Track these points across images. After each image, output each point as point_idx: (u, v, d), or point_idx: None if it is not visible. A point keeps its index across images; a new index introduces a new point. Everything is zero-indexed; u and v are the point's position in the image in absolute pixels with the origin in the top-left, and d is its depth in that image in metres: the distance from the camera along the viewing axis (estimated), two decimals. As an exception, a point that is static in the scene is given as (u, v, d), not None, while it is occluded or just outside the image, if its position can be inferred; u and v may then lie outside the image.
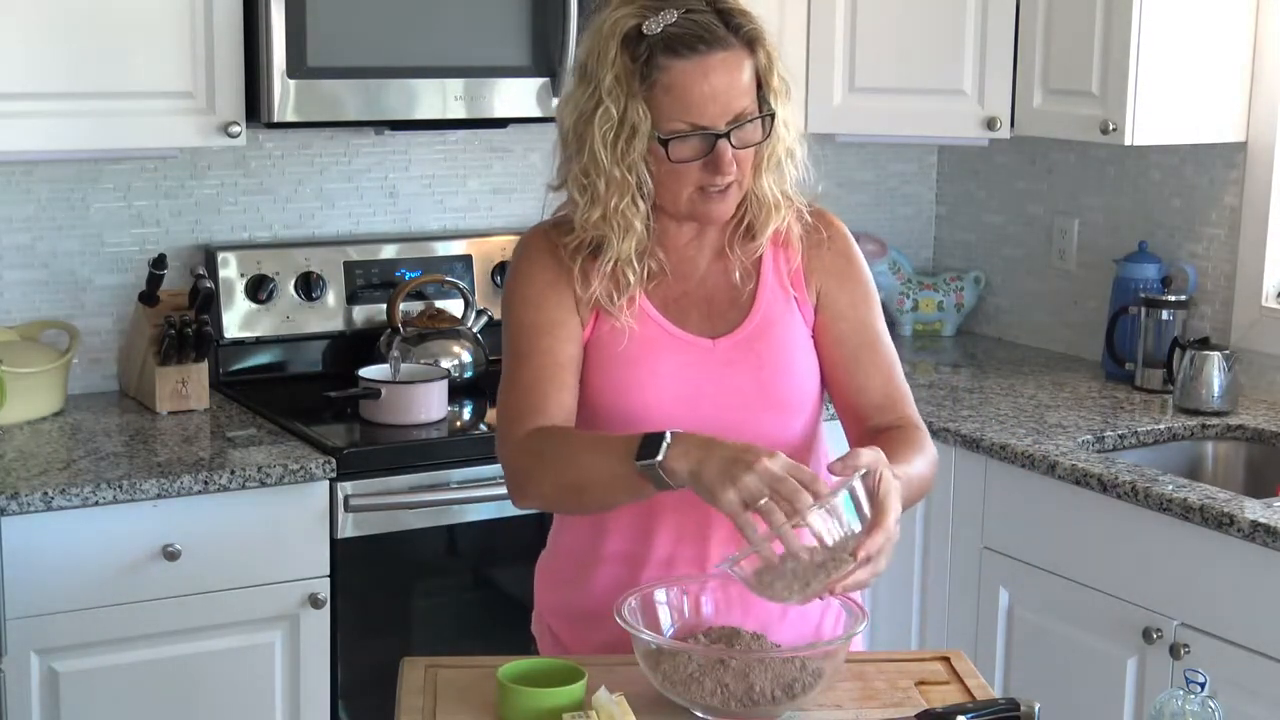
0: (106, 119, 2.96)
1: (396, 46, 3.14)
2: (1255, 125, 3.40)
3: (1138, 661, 2.87)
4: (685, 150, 1.96)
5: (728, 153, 1.95)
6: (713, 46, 1.93)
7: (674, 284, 2.07)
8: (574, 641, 2.13)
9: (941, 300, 4.08)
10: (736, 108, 1.95)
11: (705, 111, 1.94)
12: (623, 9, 1.96)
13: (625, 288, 2.03)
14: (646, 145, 1.96)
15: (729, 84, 1.93)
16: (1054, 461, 2.98)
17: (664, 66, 1.93)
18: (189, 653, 2.85)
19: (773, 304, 2.07)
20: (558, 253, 2.05)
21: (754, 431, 1.98)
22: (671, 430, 1.85)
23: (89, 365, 3.35)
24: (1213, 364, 3.29)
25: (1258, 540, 2.63)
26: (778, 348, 2.06)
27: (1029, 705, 1.80)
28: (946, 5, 3.49)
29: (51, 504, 2.69)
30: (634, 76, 1.94)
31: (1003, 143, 3.73)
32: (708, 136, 1.95)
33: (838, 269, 2.10)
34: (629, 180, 1.98)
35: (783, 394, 2.06)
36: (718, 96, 1.93)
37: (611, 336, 2.04)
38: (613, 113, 1.95)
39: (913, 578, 3.33)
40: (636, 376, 2.03)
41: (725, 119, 1.95)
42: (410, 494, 3.01)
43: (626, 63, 1.94)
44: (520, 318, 2.07)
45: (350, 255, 3.51)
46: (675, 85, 1.93)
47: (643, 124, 1.95)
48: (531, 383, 2.02)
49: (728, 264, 2.07)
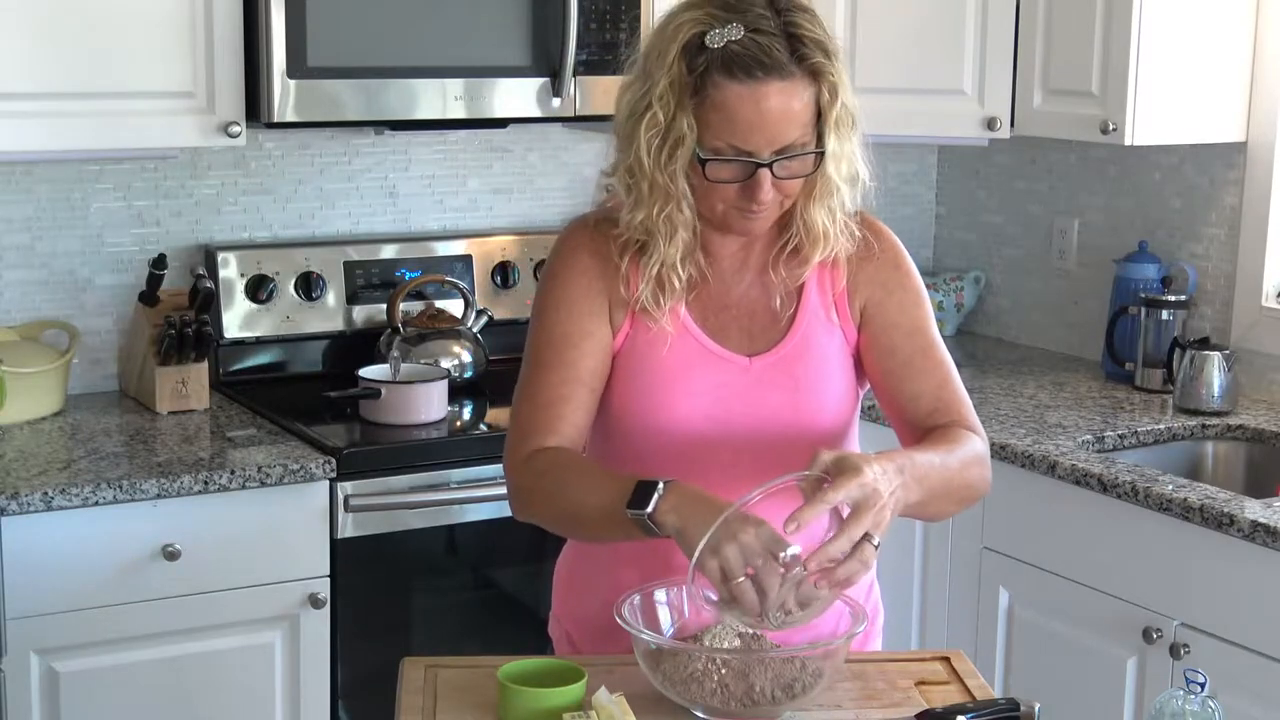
0: (107, 119, 2.96)
1: (396, 46, 3.14)
2: (1255, 125, 3.40)
3: (1138, 661, 2.87)
4: (724, 172, 1.91)
5: (766, 182, 1.90)
6: (770, 74, 1.85)
7: (716, 296, 2.03)
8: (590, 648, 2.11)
9: (941, 300, 4.08)
10: (785, 139, 1.88)
11: (750, 138, 1.88)
12: (691, 12, 1.90)
13: (671, 292, 1.99)
14: (689, 159, 1.90)
15: (781, 115, 1.87)
16: (1054, 461, 2.98)
17: (717, 84, 1.86)
18: (189, 653, 2.86)
19: (813, 325, 2.03)
20: (602, 249, 2.01)
21: (784, 452, 1.97)
22: (665, 480, 1.83)
23: (89, 365, 3.35)
24: (1213, 364, 3.29)
25: (1258, 540, 2.63)
26: (814, 370, 2.02)
27: (1029, 705, 1.80)
28: (946, 5, 3.49)
29: (51, 504, 2.69)
30: (687, 88, 1.88)
31: (1003, 143, 3.73)
32: (749, 164, 1.89)
33: (884, 278, 2.05)
34: (673, 188, 1.93)
35: (816, 417, 2.02)
36: (766, 126, 1.87)
37: (647, 344, 2.01)
38: (660, 120, 1.89)
39: (913, 578, 3.33)
40: (669, 392, 2.00)
41: (771, 148, 1.88)
42: (410, 494, 3.01)
43: (682, 71, 1.88)
44: (549, 323, 2.02)
45: (350, 255, 3.51)
46: (725, 106, 1.87)
47: (688, 137, 1.89)
48: (548, 400, 1.99)
49: (771, 282, 2.03)
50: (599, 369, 2.01)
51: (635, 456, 2.02)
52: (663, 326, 1.99)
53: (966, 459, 1.95)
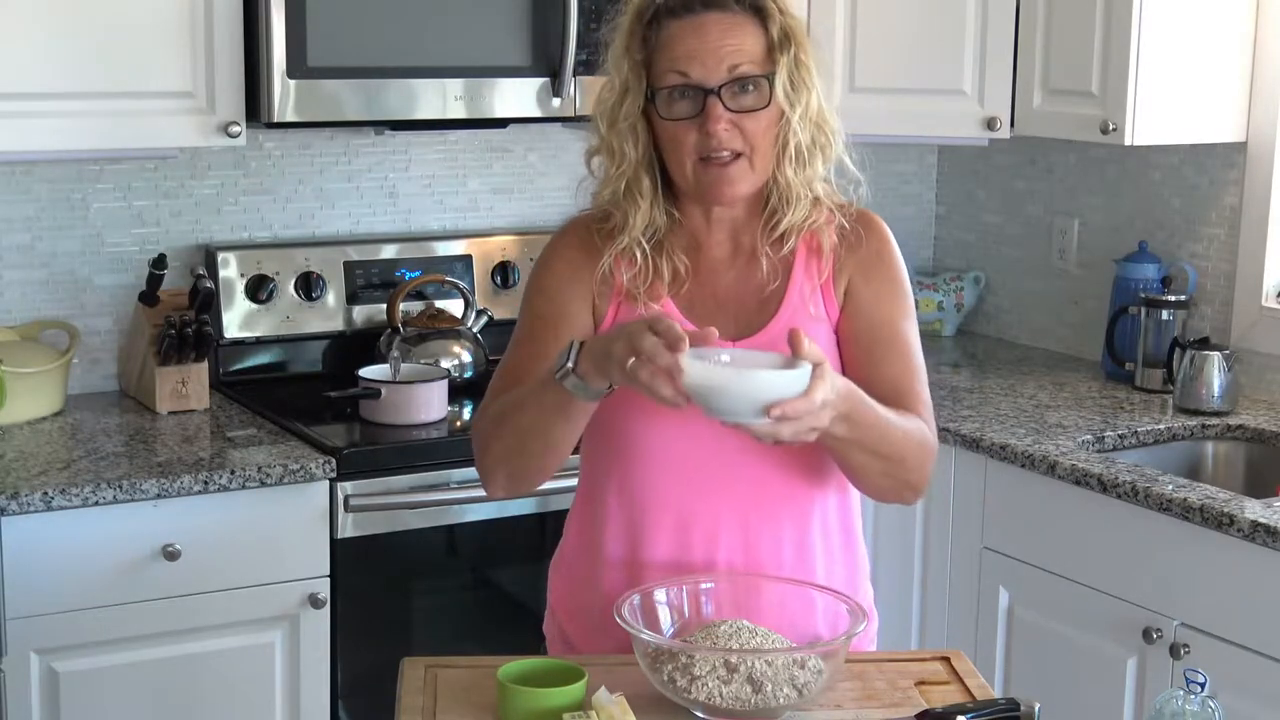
0: (107, 119, 2.96)
1: (396, 46, 3.14)
2: (1255, 125, 3.40)
3: (1138, 661, 2.87)
4: (675, 106, 1.96)
5: (716, 109, 1.93)
6: (709, 7, 1.94)
7: (704, 288, 2.06)
8: (583, 643, 2.13)
9: (941, 300, 4.08)
10: (730, 61, 1.94)
11: (693, 65, 1.94)
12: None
13: (647, 274, 2.02)
14: (640, 105, 1.97)
15: (719, 40, 1.94)
16: (1054, 461, 2.98)
17: (663, 26, 1.96)
18: (189, 653, 2.85)
19: (798, 310, 2.04)
20: (589, 241, 2.05)
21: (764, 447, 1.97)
22: (578, 340, 1.87)
23: (89, 365, 3.35)
24: (1213, 364, 3.29)
25: (1258, 540, 2.63)
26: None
27: (1029, 705, 1.80)
28: (946, 5, 3.49)
29: (51, 504, 2.69)
30: (636, 41, 1.97)
31: (1003, 143, 3.73)
32: (698, 94, 1.94)
33: (867, 265, 2.06)
34: (627, 151, 1.99)
35: None
36: (707, 50, 1.93)
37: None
38: (615, 82, 1.99)
39: (913, 578, 3.33)
40: None
41: (717, 77, 1.94)
42: (410, 494, 3.01)
43: (635, 30, 1.97)
44: (532, 305, 2.09)
45: (350, 255, 3.51)
46: (669, 42, 1.95)
47: (637, 87, 1.97)
48: (518, 368, 2.04)
49: (759, 267, 2.05)
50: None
51: (622, 441, 2.05)
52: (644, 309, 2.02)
53: (909, 431, 1.96)
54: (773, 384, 1.76)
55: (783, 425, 1.75)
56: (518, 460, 2.01)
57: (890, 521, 3.28)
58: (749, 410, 1.76)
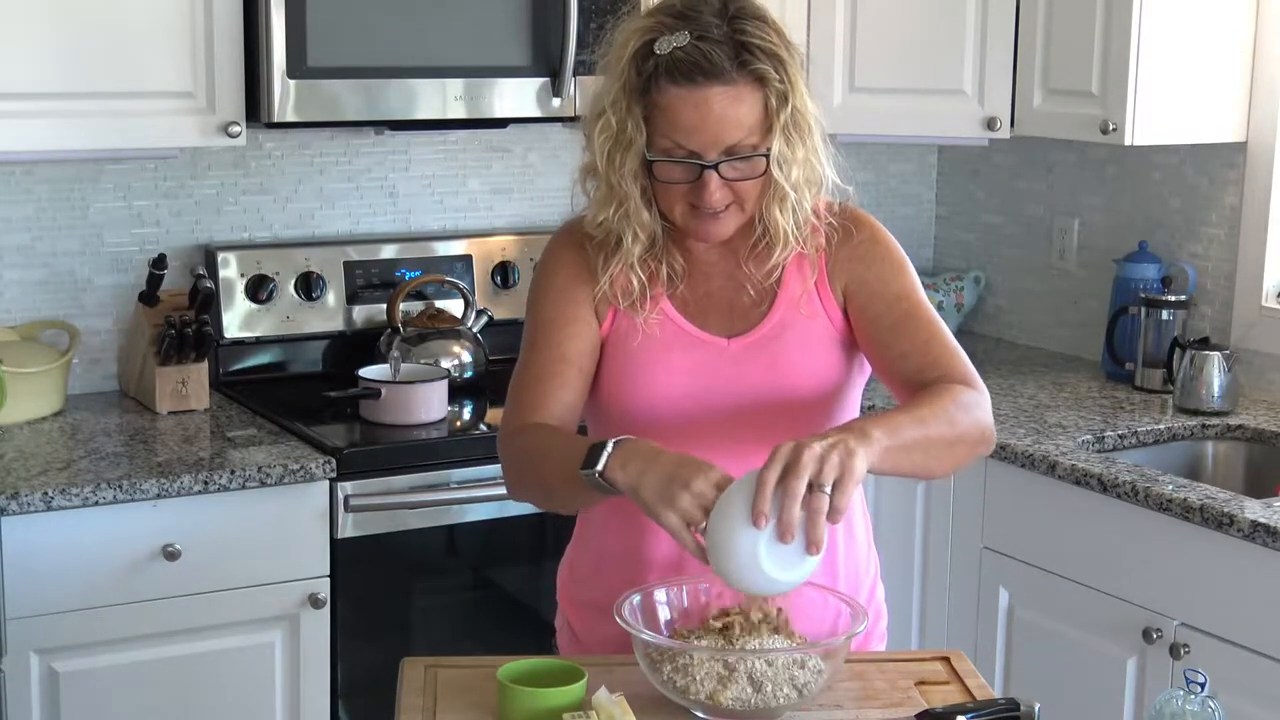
0: (106, 119, 2.96)
1: (396, 46, 3.14)
2: (1255, 125, 3.40)
3: (1138, 661, 2.87)
4: (672, 173, 1.96)
5: (712, 183, 1.94)
6: (711, 79, 1.91)
7: (697, 286, 2.08)
8: (584, 631, 2.14)
9: (941, 300, 4.07)
10: (728, 140, 1.93)
11: (693, 139, 1.93)
12: (644, 20, 1.97)
13: (640, 288, 2.04)
14: (640, 161, 1.97)
15: (721, 117, 1.91)
16: (1054, 461, 2.98)
17: (662, 89, 1.92)
18: (189, 653, 2.85)
19: (792, 310, 2.06)
20: (585, 247, 2.07)
21: (767, 429, 1.99)
22: (615, 439, 1.85)
23: (89, 365, 3.35)
24: (1213, 364, 3.29)
25: (1258, 540, 2.63)
26: (793, 349, 2.05)
27: (1029, 705, 1.80)
28: (946, 5, 3.49)
29: (51, 504, 2.69)
30: (636, 92, 1.94)
31: (1003, 143, 3.73)
32: (694, 165, 1.94)
33: (862, 254, 2.07)
34: (625, 190, 1.99)
35: (797, 393, 2.05)
36: (708, 128, 1.92)
37: (630, 333, 2.06)
38: (612, 124, 1.97)
39: (913, 578, 3.33)
40: (649, 373, 2.05)
41: (716, 150, 1.93)
42: (410, 494, 3.01)
43: (632, 77, 1.94)
44: (538, 311, 2.10)
45: (350, 255, 3.51)
46: (669, 109, 1.93)
47: (638, 140, 1.95)
48: (535, 378, 2.06)
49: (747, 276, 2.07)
50: (587, 350, 2.07)
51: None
52: (639, 318, 2.05)
53: (949, 409, 1.92)
54: (727, 502, 1.74)
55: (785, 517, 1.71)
56: (546, 506, 2.08)
57: (890, 521, 3.28)
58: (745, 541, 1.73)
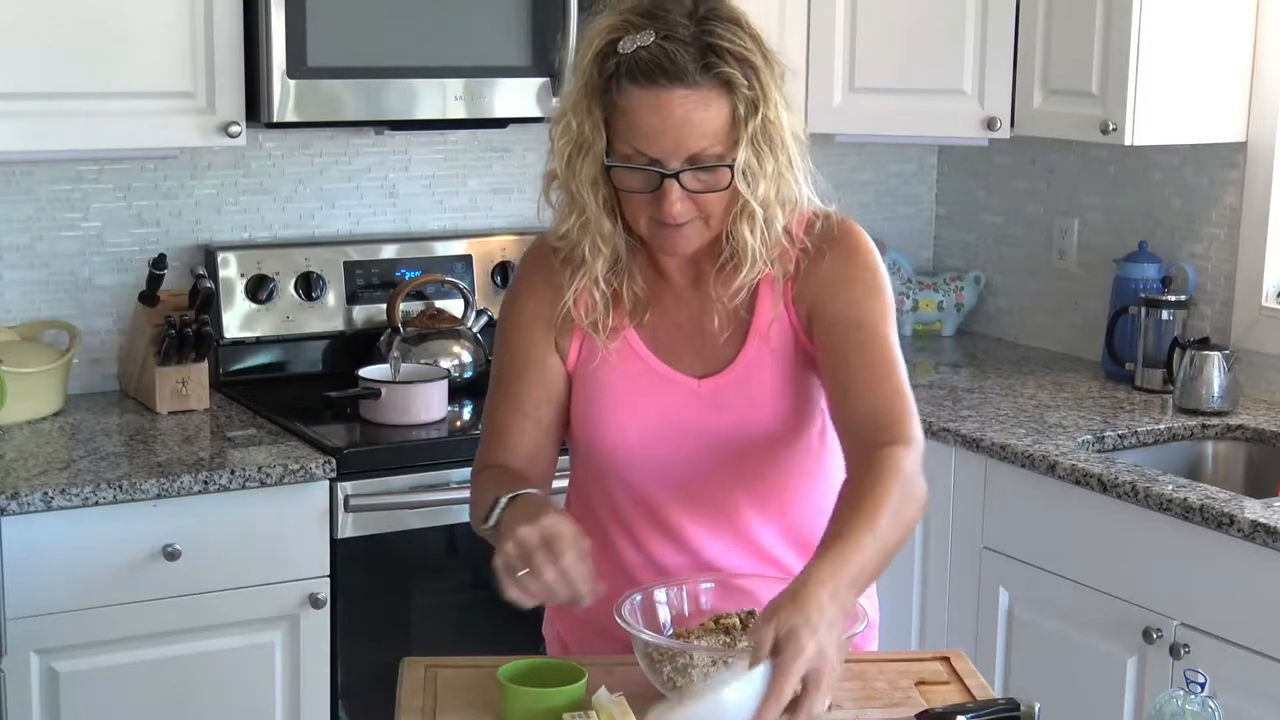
0: (107, 119, 2.96)
1: (396, 46, 3.14)
2: (1255, 125, 3.40)
3: (1138, 661, 2.87)
4: (631, 180, 1.86)
5: (672, 193, 1.84)
6: (674, 81, 1.80)
7: (667, 315, 1.99)
8: (577, 646, 2.13)
9: (941, 300, 4.08)
10: (690, 148, 1.82)
11: (653, 145, 1.82)
12: (610, 18, 1.87)
13: (606, 310, 1.96)
14: (599, 167, 1.87)
15: (683, 121, 1.81)
16: (1054, 461, 2.98)
17: (623, 90, 1.82)
18: (189, 653, 2.85)
19: (763, 342, 1.97)
20: (551, 269, 1.98)
21: (736, 469, 1.97)
22: (511, 495, 1.83)
23: (89, 365, 3.35)
24: (1213, 364, 3.29)
25: (1258, 540, 2.63)
26: (766, 387, 1.97)
27: (1029, 705, 1.80)
28: (946, 5, 3.49)
29: (51, 504, 2.69)
30: (597, 93, 1.84)
31: (1003, 143, 3.73)
32: (655, 173, 1.84)
33: (831, 276, 1.95)
34: (585, 198, 1.89)
35: (768, 432, 1.98)
36: (668, 132, 1.81)
37: (597, 366, 1.98)
38: (572, 126, 1.87)
39: (913, 578, 3.33)
40: (618, 414, 1.98)
41: (677, 157, 1.83)
42: (410, 494, 3.01)
43: (594, 77, 1.85)
44: (502, 347, 2.04)
45: (350, 255, 3.51)
46: (629, 111, 1.83)
47: (597, 144, 1.86)
48: (495, 428, 2.02)
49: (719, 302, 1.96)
50: (548, 396, 2.00)
51: (595, 473, 2.04)
52: (602, 343, 1.96)
53: (894, 510, 1.77)
54: (736, 707, 1.59)
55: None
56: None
57: (890, 521, 3.27)
58: None
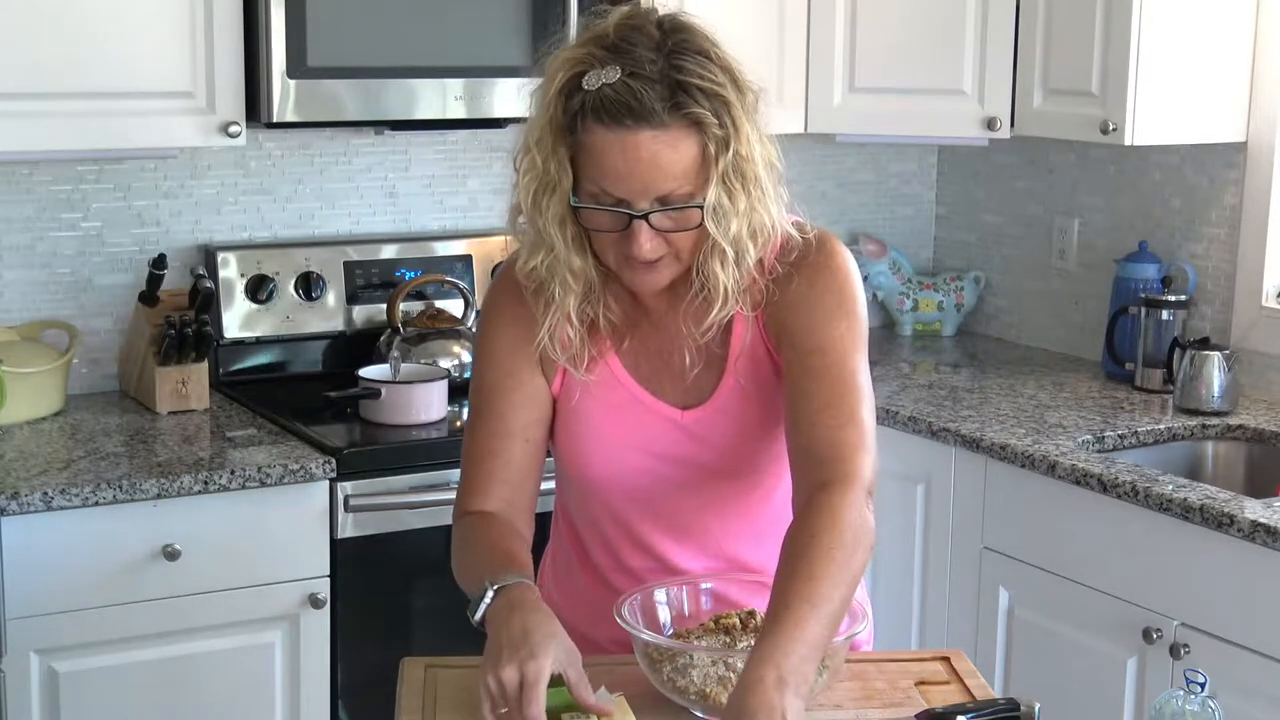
0: (106, 119, 2.96)
1: (396, 46, 3.14)
2: (1255, 125, 3.40)
3: (1138, 661, 2.87)
4: (599, 220, 1.81)
5: (641, 234, 1.78)
6: (640, 121, 1.74)
7: (649, 341, 1.95)
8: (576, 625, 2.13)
9: (941, 300, 4.08)
10: (659, 189, 1.76)
11: (620, 186, 1.77)
12: (574, 49, 1.83)
13: (580, 342, 1.91)
14: (565, 206, 1.81)
15: (651, 163, 1.75)
16: (1054, 461, 2.98)
17: (589, 129, 1.76)
18: (189, 653, 2.85)
19: (744, 370, 1.92)
20: (524, 299, 1.93)
21: (719, 499, 1.97)
22: (498, 586, 1.79)
23: (89, 365, 3.35)
24: (1213, 364, 3.29)
25: (1258, 540, 2.63)
26: (748, 416, 1.93)
27: (1029, 705, 1.80)
28: (946, 5, 3.49)
29: (51, 504, 2.69)
30: (562, 130, 1.79)
31: (1003, 143, 3.73)
32: (622, 214, 1.78)
33: (795, 299, 1.88)
34: (554, 235, 1.83)
35: (753, 463, 1.97)
36: (635, 175, 1.75)
37: (580, 394, 1.94)
38: (537, 163, 1.82)
39: (913, 578, 3.33)
40: (602, 445, 1.95)
41: (646, 198, 1.77)
42: (410, 494, 3.01)
43: (558, 114, 1.79)
44: (483, 373, 1.98)
45: (350, 255, 3.51)
46: (595, 152, 1.77)
47: (563, 183, 1.80)
48: (480, 454, 1.96)
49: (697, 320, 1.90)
50: (535, 417, 1.95)
51: (581, 500, 2.04)
52: (581, 375, 1.92)
53: (836, 570, 1.72)
54: None
55: None
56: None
57: (890, 522, 3.28)
58: None
